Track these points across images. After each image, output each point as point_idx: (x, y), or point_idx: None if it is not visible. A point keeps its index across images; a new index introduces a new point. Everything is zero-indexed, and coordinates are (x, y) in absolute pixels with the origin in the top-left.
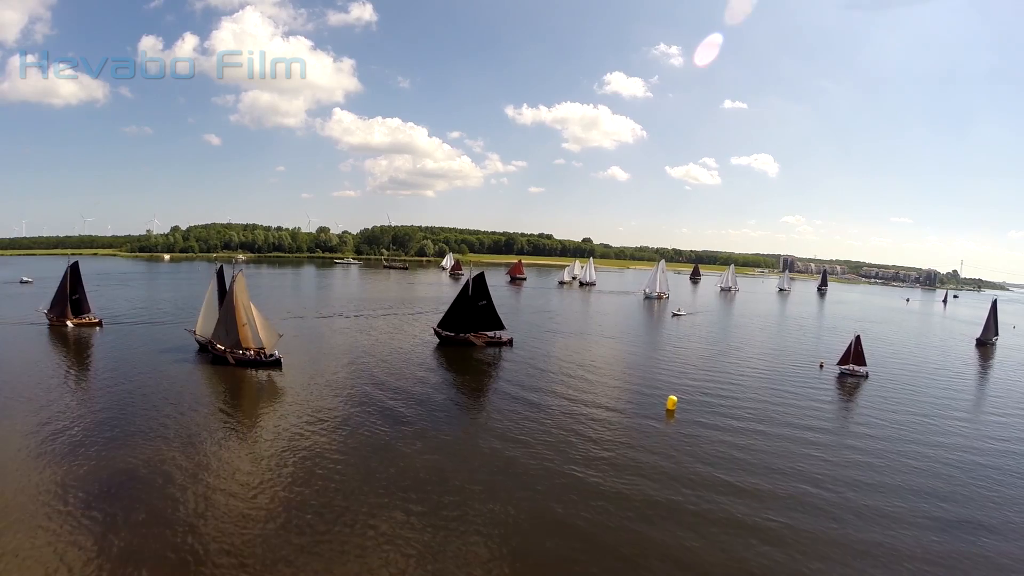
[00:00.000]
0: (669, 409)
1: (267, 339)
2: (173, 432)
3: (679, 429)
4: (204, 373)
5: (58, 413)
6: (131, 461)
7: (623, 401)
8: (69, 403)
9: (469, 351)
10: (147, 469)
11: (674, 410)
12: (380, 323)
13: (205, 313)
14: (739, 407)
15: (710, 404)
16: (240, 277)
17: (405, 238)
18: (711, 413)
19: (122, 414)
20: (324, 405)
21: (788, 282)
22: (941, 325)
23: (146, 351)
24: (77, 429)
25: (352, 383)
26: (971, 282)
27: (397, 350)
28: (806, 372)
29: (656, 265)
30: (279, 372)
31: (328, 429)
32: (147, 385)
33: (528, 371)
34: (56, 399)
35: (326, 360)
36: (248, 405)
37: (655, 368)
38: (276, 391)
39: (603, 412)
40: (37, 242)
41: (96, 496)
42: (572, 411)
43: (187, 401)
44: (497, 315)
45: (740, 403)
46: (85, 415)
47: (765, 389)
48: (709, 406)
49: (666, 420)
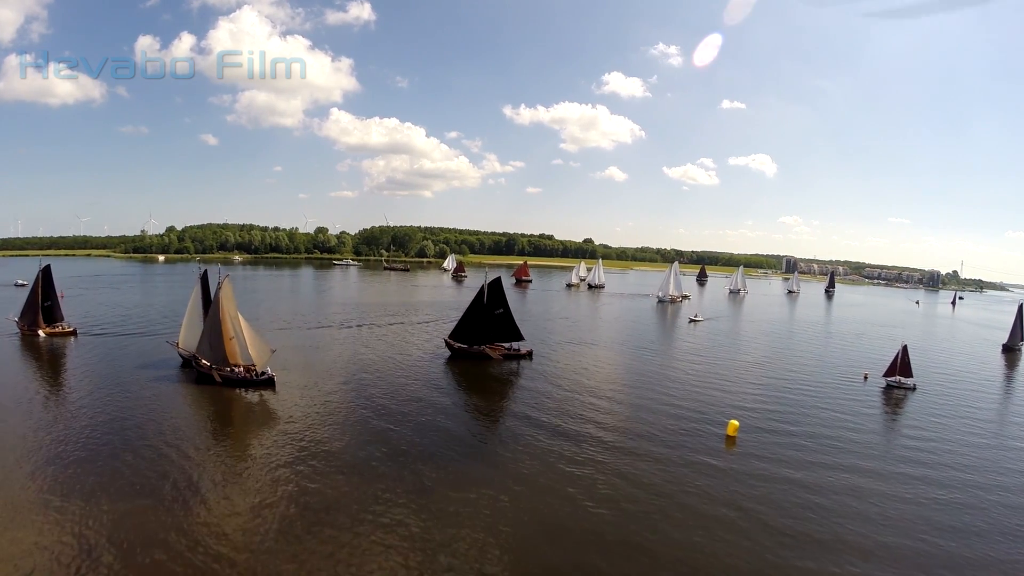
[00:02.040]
0: (729, 435)
1: (257, 355)
2: (146, 466)
3: (743, 464)
4: (186, 393)
5: (9, 441)
6: (93, 503)
7: (669, 428)
8: (24, 428)
9: (484, 365)
10: (112, 516)
11: (735, 436)
12: (384, 334)
13: (188, 324)
14: (795, 431)
15: (767, 428)
16: (226, 284)
17: (405, 239)
18: (771, 441)
19: (86, 443)
20: (323, 433)
21: (797, 284)
22: (961, 329)
23: (122, 365)
24: (34, 459)
25: (355, 405)
26: (972, 283)
27: (405, 365)
28: (852, 385)
29: (669, 267)
30: (272, 392)
31: (327, 460)
32: (118, 407)
33: (553, 390)
34: (9, 422)
35: (325, 378)
36: (236, 431)
37: (695, 385)
38: (268, 415)
39: (650, 444)
40: (30, 243)
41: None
42: (613, 443)
43: (164, 428)
44: (515, 325)
45: (795, 426)
46: (42, 443)
47: (817, 408)
48: (767, 431)
49: (726, 448)
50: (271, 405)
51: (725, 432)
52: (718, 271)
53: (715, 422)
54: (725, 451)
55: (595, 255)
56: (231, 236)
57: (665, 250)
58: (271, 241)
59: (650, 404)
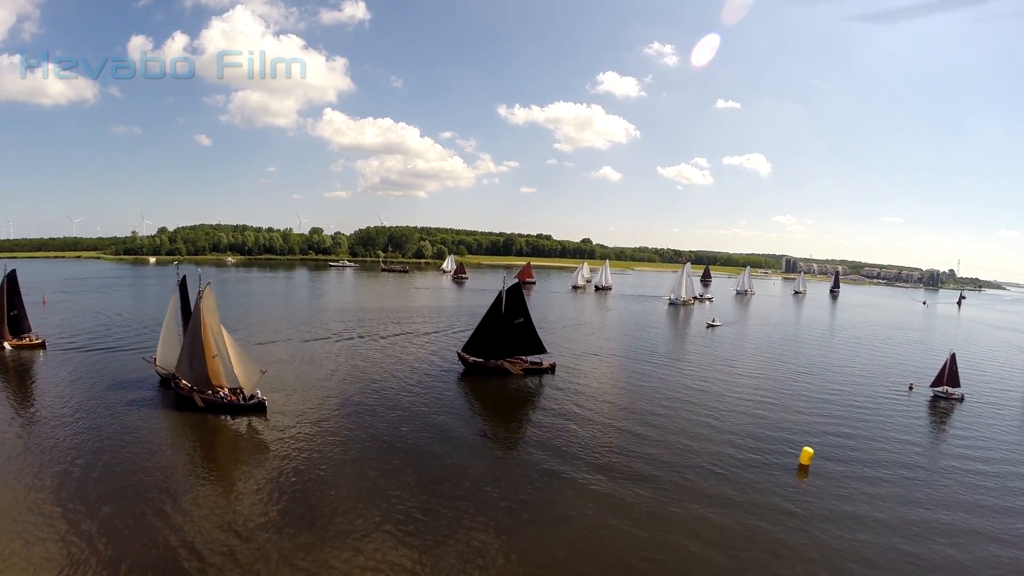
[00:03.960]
0: (803, 464)
1: (245, 376)
2: (112, 512)
3: (824, 501)
4: (162, 420)
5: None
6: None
7: (726, 456)
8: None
9: (503, 382)
10: None
11: (808, 465)
12: (388, 346)
13: (165, 338)
14: (863, 455)
15: (837, 456)
16: (207, 293)
17: (402, 239)
18: (846, 472)
19: (41, 482)
20: (322, 469)
21: (804, 284)
22: (980, 332)
23: (92, 385)
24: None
25: (359, 436)
26: (969, 282)
27: (413, 384)
28: (900, 397)
29: (681, 269)
30: (263, 419)
31: (327, 502)
32: (82, 433)
33: (586, 413)
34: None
35: (323, 401)
36: (220, 467)
37: (741, 403)
38: (258, 447)
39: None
40: (19, 244)
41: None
42: (666, 480)
43: (134, 460)
44: (537, 336)
45: (861, 450)
46: None
47: (878, 426)
48: (837, 459)
49: (798, 478)
50: (262, 435)
51: (797, 460)
52: (718, 271)
53: (779, 448)
54: (799, 484)
55: (594, 255)
56: (224, 237)
57: (663, 250)
58: (265, 242)
59: (698, 427)
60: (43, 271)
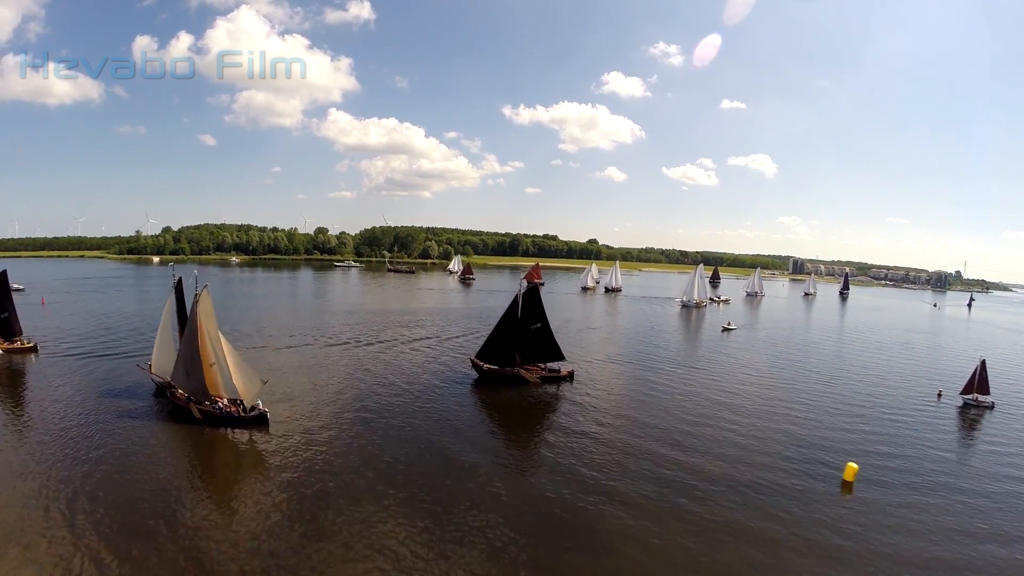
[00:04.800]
0: (846, 481)
1: (244, 387)
2: (97, 533)
3: (872, 523)
4: (157, 431)
5: None
6: None
7: (759, 471)
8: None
9: (519, 390)
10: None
11: (852, 482)
12: (397, 352)
13: (160, 344)
14: (902, 467)
15: (880, 469)
16: (205, 296)
17: (407, 239)
18: (891, 491)
19: (25, 498)
20: (329, 486)
21: (814, 286)
22: (994, 335)
23: (84, 392)
24: None
25: (368, 449)
26: (976, 283)
27: (424, 393)
28: (930, 405)
29: (693, 271)
30: (264, 432)
31: (335, 522)
32: (69, 447)
33: (608, 426)
34: None
35: (329, 412)
36: (217, 484)
37: (768, 413)
38: (259, 461)
39: (753, 499)
40: (24, 243)
41: None
42: (705, 505)
43: (125, 477)
44: (555, 342)
45: (901, 461)
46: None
47: (913, 437)
48: (881, 473)
49: (842, 496)
50: (263, 449)
51: (840, 477)
52: (726, 272)
53: (817, 464)
54: (846, 503)
55: (600, 256)
56: (228, 237)
57: (669, 251)
58: (269, 242)
59: (728, 444)
60: (46, 270)
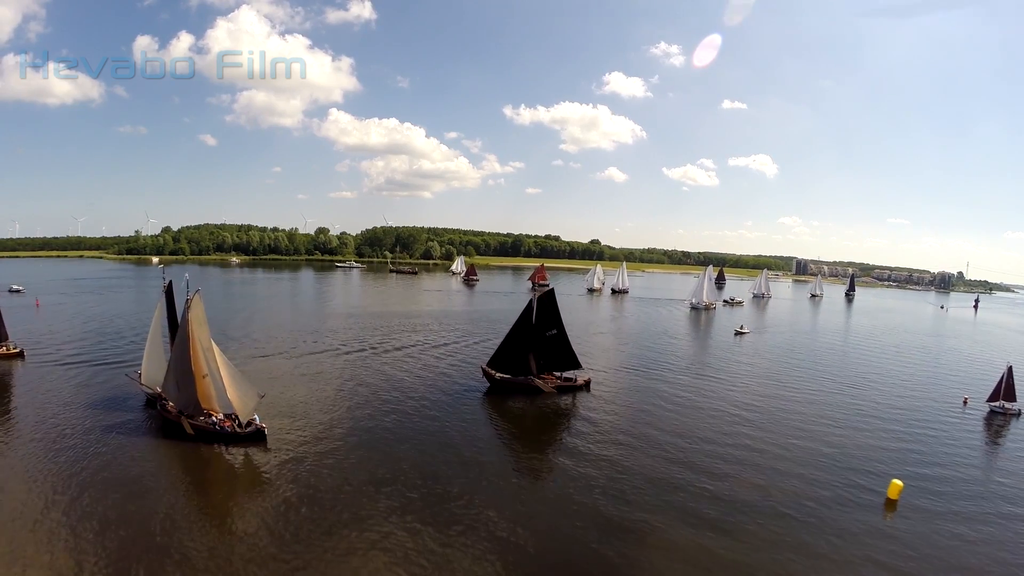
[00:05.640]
0: (890, 499)
1: (240, 400)
2: (73, 562)
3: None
4: (146, 448)
5: None
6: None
7: (800, 492)
8: None
9: (532, 400)
10: None
11: (896, 500)
12: (402, 359)
13: (150, 353)
14: (943, 482)
15: (922, 485)
16: (197, 301)
17: (409, 240)
18: (939, 510)
19: None
20: (334, 509)
21: (821, 287)
22: (1005, 337)
23: (70, 402)
24: None
25: (373, 468)
26: (978, 284)
27: (432, 403)
28: (957, 412)
29: (703, 272)
30: (262, 449)
31: (336, 548)
32: (50, 463)
33: (631, 440)
34: None
35: (331, 428)
36: (211, 507)
37: (794, 423)
38: (257, 482)
39: (789, 520)
40: (23, 243)
41: None
42: (737, 526)
43: (108, 499)
44: (572, 349)
45: (942, 477)
46: None
47: (945, 447)
48: (924, 489)
49: (886, 516)
50: (261, 468)
51: (883, 495)
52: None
53: (855, 480)
54: (892, 524)
55: (603, 256)
56: (228, 237)
57: (672, 251)
58: (270, 242)
59: (757, 458)
60: (44, 271)
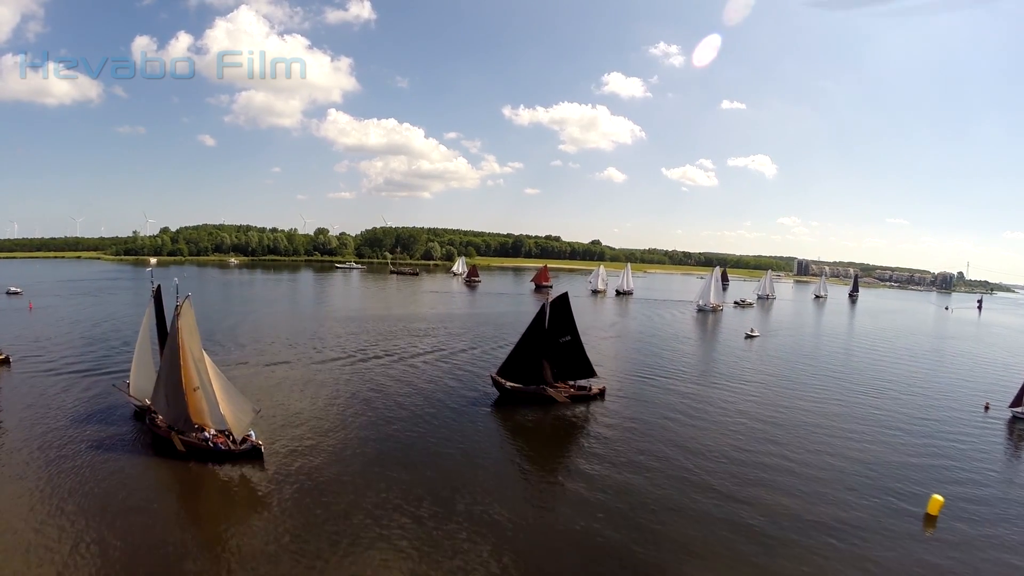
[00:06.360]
0: (930, 514)
1: (234, 416)
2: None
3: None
4: (133, 465)
5: None
6: None
7: (833, 510)
8: None
9: (545, 411)
10: None
11: (936, 516)
12: (406, 367)
13: (139, 362)
14: (980, 496)
15: (961, 500)
16: (187, 308)
17: (409, 240)
18: (981, 526)
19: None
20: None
21: (825, 288)
22: (1015, 339)
23: (55, 414)
24: None
25: (379, 487)
26: (978, 284)
27: (439, 416)
28: (977, 418)
29: (710, 273)
30: (258, 468)
31: None
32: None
33: (652, 454)
34: None
35: (333, 444)
36: (203, 534)
37: (821, 437)
38: (253, 504)
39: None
40: (20, 244)
41: None
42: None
43: (90, 525)
44: (586, 357)
45: (972, 489)
46: None
47: (977, 458)
48: (963, 504)
49: (924, 530)
50: (258, 490)
51: (923, 510)
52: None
53: (890, 496)
54: (923, 531)
55: (603, 257)
56: (227, 237)
57: (673, 252)
58: (269, 243)
59: (784, 473)
60: (40, 272)
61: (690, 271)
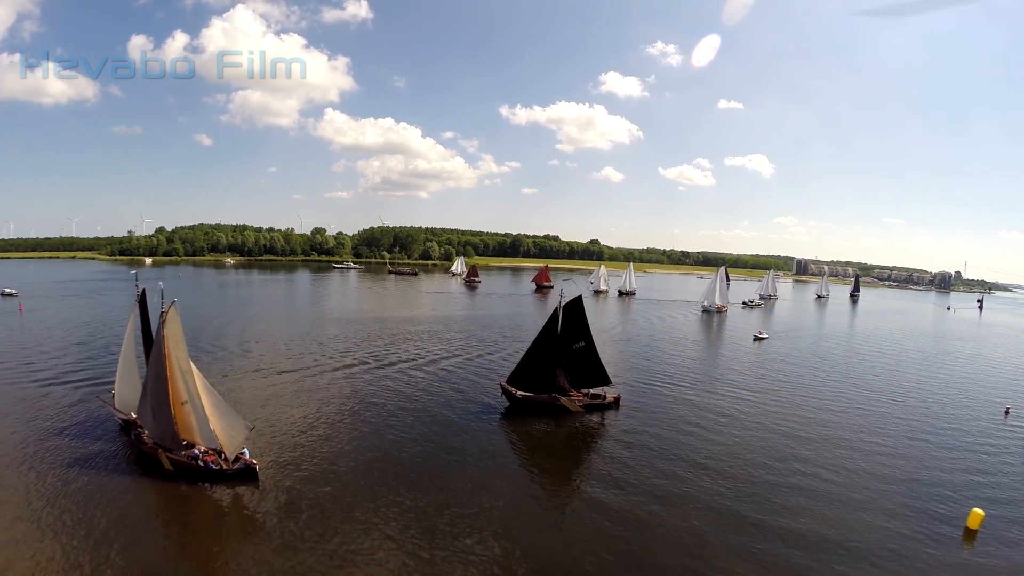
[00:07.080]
0: (970, 529)
1: (225, 433)
2: None
3: None
4: (117, 485)
5: None
6: None
7: (869, 528)
8: None
9: (558, 421)
10: None
11: (976, 531)
12: (408, 375)
13: (123, 373)
14: None
15: (1003, 516)
16: (173, 315)
17: (407, 240)
18: None
19: None
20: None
21: (826, 288)
22: (1019, 339)
23: (34, 428)
24: None
25: (383, 507)
26: (976, 284)
27: (445, 428)
28: (997, 424)
29: (715, 273)
30: (252, 488)
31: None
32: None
33: (669, 468)
34: None
35: (332, 461)
36: (193, 562)
37: (845, 448)
38: (247, 529)
39: None
40: (14, 244)
41: None
42: None
43: (67, 549)
44: (601, 364)
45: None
46: None
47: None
48: (999, 518)
49: (963, 545)
50: (252, 513)
51: (963, 525)
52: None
53: (927, 510)
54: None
55: (602, 256)
56: (223, 237)
57: (671, 251)
58: (265, 243)
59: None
60: (33, 273)
61: (688, 271)
